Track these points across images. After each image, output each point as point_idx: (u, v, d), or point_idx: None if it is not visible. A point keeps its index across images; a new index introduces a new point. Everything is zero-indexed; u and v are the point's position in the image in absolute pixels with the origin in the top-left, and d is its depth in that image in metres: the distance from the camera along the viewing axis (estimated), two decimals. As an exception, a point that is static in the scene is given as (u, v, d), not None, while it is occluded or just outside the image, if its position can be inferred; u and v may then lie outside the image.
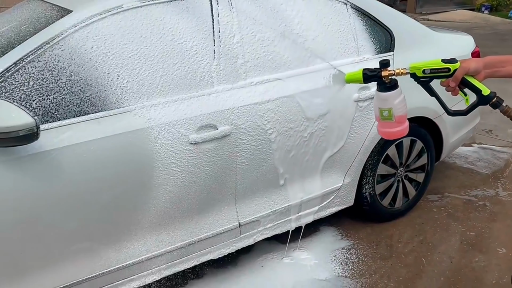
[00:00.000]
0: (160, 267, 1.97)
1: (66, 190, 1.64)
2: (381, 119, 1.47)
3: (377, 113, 1.47)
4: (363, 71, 1.43)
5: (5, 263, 1.60)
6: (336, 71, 2.12)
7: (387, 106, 1.43)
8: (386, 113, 1.44)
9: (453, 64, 1.31)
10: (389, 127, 1.48)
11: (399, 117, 1.44)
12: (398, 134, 1.49)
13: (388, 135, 1.52)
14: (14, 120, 1.39)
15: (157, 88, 1.82)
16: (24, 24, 1.80)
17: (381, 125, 1.50)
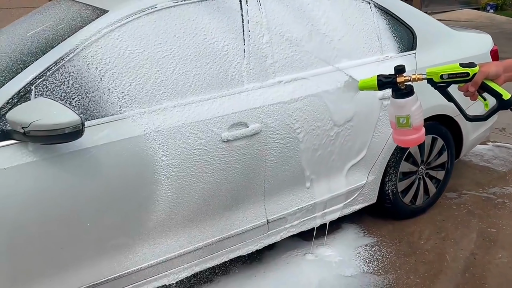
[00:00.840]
0: (192, 263, 2.00)
1: (104, 186, 1.67)
2: (397, 127, 1.43)
3: (394, 121, 1.42)
4: (377, 78, 1.40)
5: (46, 259, 1.63)
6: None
7: (405, 113, 1.39)
8: (403, 120, 1.40)
9: (472, 69, 1.27)
10: (406, 135, 1.44)
11: (416, 124, 1.41)
12: (415, 142, 1.45)
13: (405, 143, 1.48)
14: (61, 117, 1.42)
15: (190, 87, 1.84)
16: (60, 24, 1.83)
17: (397, 133, 1.45)
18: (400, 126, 1.41)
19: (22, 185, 1.51)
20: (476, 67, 1.28)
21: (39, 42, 1.75)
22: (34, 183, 1.53)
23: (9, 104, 1.53)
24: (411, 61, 2.46)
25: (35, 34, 1.85)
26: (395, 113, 1.41)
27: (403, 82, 1.36)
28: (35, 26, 1.96)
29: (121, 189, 1.70)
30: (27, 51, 1.73)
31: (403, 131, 1.42)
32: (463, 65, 1.29)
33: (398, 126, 1.42)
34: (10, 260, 1.55)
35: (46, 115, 1.42)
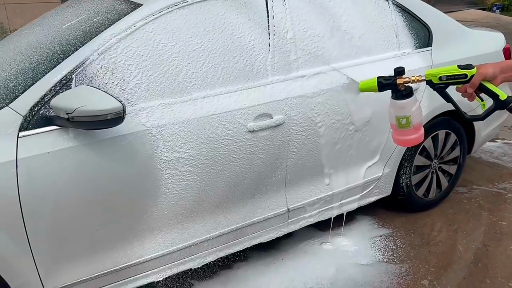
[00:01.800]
0: (217, 248, 2.09)
1: (138, 172, 1.75)
2: (398, 127, 1.46)
3: (394, 122, 1.46)
4: (377, 79, 1.42)
5: (83, 239, 1.72)
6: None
7: (405, 113, 1.43)
8: (404, 120, 1.43)
9: (470, 70, 1.30)
10: (406, 135, 1.47)
11: (416, 124, 1.44)
12: (415, 141, 1.48)
13: (405, 143, 1.52)
14: (104, 104, 1.50)
15: (219, 80, 1.92)
16: (96, 17, 1.91)
17: (398, 133, 1.48)
18: (400, 126, 1.45)
19: (64, 169, 1.59)
20: (474, 69, 1.31)
21: (77, 34, 1.83)
22: (74, 166, 1.61)
23: (52, 92, 1.61)
24: (427, 58, 2.54)
25: (71, 26, 1.93)
26: (396, 114, 1.44)
27: (403, 84, 1.38)
28: (69, 19, 2.04)
29: (153, 176, 1.79)
30: (65, 42, 1.81)
31: (403, 131, 1.46)
32: (461, 67, 1.33)
33: (399, 127, 1.45)
34: (51, 239, 1.64)
35: (90, 101, 1.50)
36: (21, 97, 1.59)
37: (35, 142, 1.56)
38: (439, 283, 2.21)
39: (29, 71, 1.71)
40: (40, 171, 1.56)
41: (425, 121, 2.53)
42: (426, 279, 2.24)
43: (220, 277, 2.28)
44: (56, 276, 1.70)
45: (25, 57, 1.86)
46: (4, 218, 1.53)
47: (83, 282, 1.76)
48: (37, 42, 1.96)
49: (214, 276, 2.29)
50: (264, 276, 2.26)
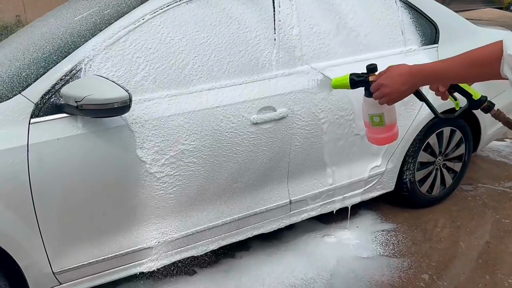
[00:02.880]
0: (219, 237, 2.14)
1: (148, 156, 1.81)
2: (371, 125, 1.42)
3: (367, 119, 1.42)
4: (350, 76, 1.39)
5: (89, 223, 1.78)
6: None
7: (378, 111, 1.38)
8: (377, 119, 1.40)
9: None
10: (379, 133, 1.44)
11: (390, 123, 1.41)
12: (389, 140, 1.45)
13: (378, 141, 1.49)
14: (111, 93, 1.56)
15: (224, 74, 1.97)
16: (106, 9, 1.97)
17: (371, 131, 1.45)
18: (374, 124, 1.41)
19: (72, 155, 1.66)
20: None
21: (88, 26, 1.89)
22: (82, 153, 1.68)
23: (62, 81, 1.68)
24: (433, 55, 2.55)
25: (83, 18, 2.00)
26: (369, 112, 1.40)
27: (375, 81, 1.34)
28: (81, 11, 2.11)
29: (157, 163, 1.84)
30: (76, 34, 1.88)
31: (377, 129, 1.42)
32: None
33: (372, 125, 1.42)
34: (59, 221, 1.71)
35: (98, 90, 1.57)
36: (33, 85, 1.66)
37: (45, 129, 1.63)
38: (439, 277, 2.24)
39: (41, 61, 1.78)
40: (50, 157, 1.63)
41: (430, 118, 2.55)
42: (427, 274, 2.26)
43: (222, 265, 2.33)
44: (63, 258, 1.77)
45: (38, 48, 1.93)
46: (16, 200, 1.60)
47: (89, 265, 1.83)
48: (50, 33, 2.03)
49: (217, 264, 2.34)
50: (266, 265, 2.31)
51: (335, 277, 2.24)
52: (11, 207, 1.60)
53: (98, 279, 1.90)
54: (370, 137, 1.49)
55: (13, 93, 1.66)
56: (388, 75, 1.30)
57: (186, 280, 2.22)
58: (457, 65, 1.18)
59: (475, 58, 1.15)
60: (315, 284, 2.20)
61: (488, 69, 1.12)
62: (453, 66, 1.19)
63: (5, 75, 1.82)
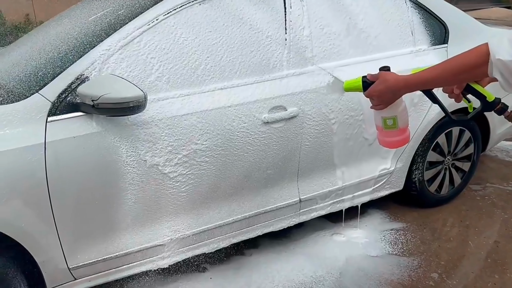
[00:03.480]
0: (230, 235, 2.17)
1: (159, 159, 1.84)
2: (384, 129, 1.41)
3: (380, 123, 1.41)
4: (362, 79, 1.37)
5: (105, 221, 1.82)
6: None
7: (391, 114, 1.37)
8: (390, 121, 1.38)
9: None
10: (392, 136, 1.42)
11: (403, 125, 1.39)
12: (401, 143, 1.44)
13: (391, 144, 1.48)
14: (127, 92, 1.59)
15: (236, 74, 2.00)
16: (120, 10, 2.00)
17: (383, 134, 1.44)
18: (386, 127, 1.40)
19: (88, 153, 1.69)
20: None
21: (102, 26, 1.92)
22: (98, 151, 1.71)
23: (79, 80, 1.71)
24: (442, 54, 2.56)
25: (97, 18, 2.03)
26: (382, 115, 1.39)
27: None
28: (95, 12, 2.14)
29: (171, 163, 1.87)
30: (91, 34, 1.91)
31: (389, 132, 1.41)
32: None
33: (385, 128, 1.40)
34: (74, 218, 1.74)
35: (114, 89, 1.60)
36: (50, 84, 1.70)
37: (62, 127, 1.66)
38: (448, 276, 2.25)
39: (57, 60, 1.82)
40: (66, 155, 1.66)
41: (439, 118, 2.56)
42: (436, 273, 2.27)
43: (232, 262, 2.36)
44: (78, 254, 1.80)
45: (54, 47, 1.97)
46: (33, 197, 1.63)
47: (103, 261, 1.86)
48: (65, 33, 2.07)
49: (227, 261, 2.37)
50: (275, 263, 2.34)
51: (344, 276, 2.26)
52: (28, 204, 1.63)
53: (112, 275, 1.93)
54: (382, 140, 1.47)
55: (30, 92, 1.70)
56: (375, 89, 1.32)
57: (197, 277, 2.25)
58: (445, 73, 1.20)
59: (463, 64, 1.16)
60: (325, 282, 2.22)
61: (476, 71, 1.15)
62: (441, 74, 1.21)
63: (22, 74, 1.85)
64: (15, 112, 1.63)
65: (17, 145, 1.59)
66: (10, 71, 1.96)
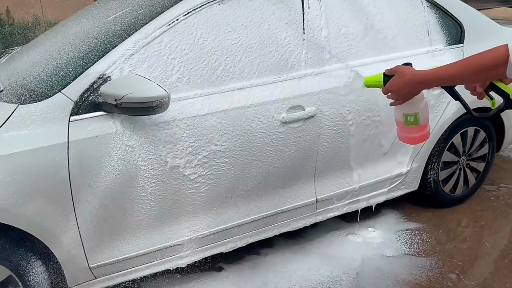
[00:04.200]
0: (247, 234, 2.17)
1: (179, 159, 1.84)
2: (405, 125, 1.42)
3: (401, 119, 1.42)
4: (384, 75, 1.38)
5: (125, 220, 1.82)
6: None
7: (413, 111, 1.39)
8: (411, 118, 1.40)
9: None
10: (412, 132, 1.44)
11: (424, 122, 1.40)
12: (421, 139, 1.46)
13: (411, 140, 1.49)
14: (151, 92, 1.60)
15: (255, 74, 2.00)
16: (139, 9, 2.01)
17: (404, 130, 1.45)
18: (408, 124, 1.41)
19: (110, 152, 1.70)
20: None
21: (122, 26, 1.93)
22: (120, 150, 1.72)
23: (100, 79, 1.72)
24: (458, 54, 2.55)
25: (117, 18, 2.03)
26: (403, 112, 1.40)
27: None
28: (113, 12, 2.14)
29: (191, 162, 1.87)
30: (111, 34, 1.91)
31: (410, 129, 1.42)
32: None
33: (406, 124, 1.42)
34: (96, 217, 1.75)
35: (137, 89, 1.60)
36: (72, 84, 1.70)
37: (84, 126, 1.67)
38: (465, 277, 2.24)
39: (78, 60, 1.82)
40: (88, 154, 1.67)
41: (455, 118, 2.55)
42: (453, 273, 2.27)
43: (248, 262, 2.36)
44: (99, 253, 1.81)
45: (74, 47, 1.97)
46: (56, 196, 1.64)
47: (123, 260, 1.87)
48: (84, 33, 2.07)
49: (242, 261, 2.37)
50: (292, 263, 2.34)
51: (361, 276, 2.26)
52: (51, 203, 1.64)
53: (131, 274, 1.94)
54: (402, 136, 1.49)
55: (53, 91, 1.71)
56: (393, 83, 1.33)
57: (214, 276, 2.25)
58: (462, 72, 1.21)
59: (481, 64, 1.17)
60: (342, 282, 2.21)
61: (494, 72, 1.16)
62: (458, 72, 1.22)
63: (43, 73, 1.86)
64: (39, 111, 1.64)
65: (40, 144, 1.60)
66: (31, 70, 1.96)
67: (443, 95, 2.44)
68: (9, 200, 1.56)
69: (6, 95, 1.81)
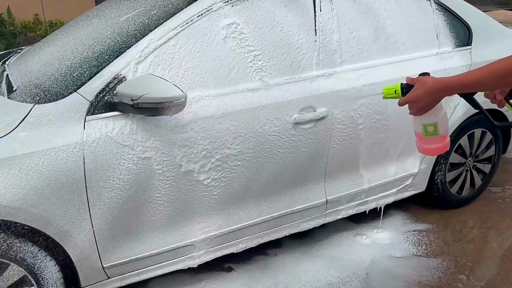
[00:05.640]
0: (258, 235, 2.18)
1: (195, 159, 1.84)
2: (424, 136, 1.40)
3: (420, 130, 1.40)
4: (401, 86, 1.37)
5: (139, 221, 1.83)
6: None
7: (432, 121, 1.36)
8: (431, 128, 1.37)
9: None
10: (432, 143, 1.41)
11: (443, 132, 1.38)
12: (441, 150, 1.43)
13: (431, 152, 1.48)
14: (168, 92, 1.60)
15: (268, 75, 2.00)
16: (153, 10, 2.01)
17: (423, 141, 1.42)
18: (427, 134, 1.39)
19: (125, 152, 1.70)
20: None
21: (136, 26, 1.93)
22: (135, 150, 1.72)
23: (116, 79, 1.72)
24: (466, 57, 2.57)
25: (130, 18, 2.03)
26: (422, 122, 1.38)
27: None
28: (126, 12, 2.14)
29: (204, 163, 1.88)
30: (125, 34, 1.91)
31: (430, 139, 1.40)
32: None
33: (425, 135, 1.39)
34: (110, 217, 1.75)
35: (154, 89, 1.60)
36: (88, 84, 1.71)
37: (100, 126, 1.67)
38: (475, 278, 2.25)
39: (93, 60, 1.83)
40: (104, 153, 1.67)
41: (462, 119, 2.57)
42: (463, 274, 2.28)
43: (257, 262, 2.36)
44: (112, 253, 1.81)
45: (87, 47, 1.97)
46: (71, 196, 1.64)
47: (136, 260, 1.87)
48: (97, 33, 2.07)
49: (252, 261, 2.37)
50: (301, 263, 2.34)
51: (370, 276, 2.26)
52: (67, 203, 1.64)
53: (143, 274, 1.94)
54: (422, 148, 1.46)
55: (68, 91, 1.71)
56: (415, 94, 1.31)
57: (224, 277, 2.26)
58: (486, 77, 1.21)
59: (504, 69, 1.16)
60: (352, 283, 2.22)
61: None
62: (482, 78, 1.21)
63: (57, 74, 1.86)
64: (55, 111, 1.64)
65: (56, 144, 1.60)
66: (44, 70, 1.96)
67: (451, 98, 2.46)
68: (25, 200, 1.56)
69: (20, 94, 1.81)
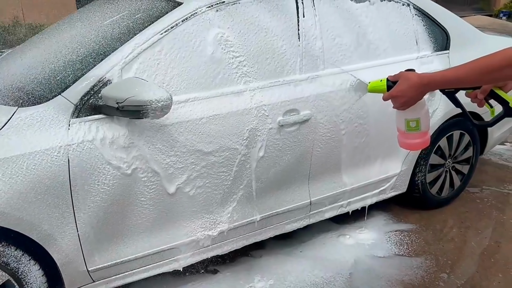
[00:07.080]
0: (243, 236, 2.19)
1: (178, 161, 1.85)
2: (406, 131, 1.43)
3: (402, 125, 1.42)
4: (387, 81, 1.40)
5: (124, 224, 1.82)
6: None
7: (415, 116, 1.39)
8: (413, 123, 1.40)
9: None
10: (413, 138, 1.44)
11: (425, 128, 1.41)
12: (422, 145, 1.48)
13: (412, 146, 1.51)
14: (153, 94, 1.61)
15: (252, 79, 2.03)
16: (137, 14, 2.01)
17: (405, 136, 1.45)
18: (409, 129, 1.42)
19: (110, 155, 1.70)
20: None
21: (121, 30, 1.93)
22: (120, 153, 1.72)
23: (101, 83, 1.72)
24: (444, 60, 2.64)
25: (114, 22, 2.03)
26: (405, 117, 1.41)
27: None
28: (110, 15, 2.14)
29: (189, 167, 1.89)
30: (110, 37, 1.91)
31: (411, 134, 1.43)
32: None
33: (407, 130, 1.42)
34: (95, 221, 1.74)
35: (139, 92, 1.61)
36: (73, 87, 1.70)
37: (84, 129, 1.67)
38: (455, 276, 2.31)
39: (77, 63, 1.82)
40: (88, 156, 1.66)
41: (442, 122, 2.64)
42: (444, 273, 2.34)
43: (242, 264, 2.38)
44: (97, 256, 1.80)
45: (71, 50, 1.96)
46: (56, 199, 1.63)
47: (121, 263, 1.87)
48: (81, 36, 2.06)
49: (236, 263, 2.39)
50: (286, 264, 2.37)
51: (354, 276, 2.30)
52: (51, 206, 1.63)
53: (129, 277, 1.94)
54: (403, 142, 1.49)
55: (52, 94, 1.70)
56: (399, 89, 1.34)
57: (210, 279, 2.27)
58: (470, 73, 1.23)
59: (487, 65, 1.20)
60: (336, 283, 2.26)
61: (498, 74, 1.19)
62: (466, 74, 1.24)
63: (41, 76, 1.85)
64: (39, 114, 1.63)
65: (40, 147, 1.60)
66: (28, 73, 1.94)
67: (431, 101, 2.53)
68: (8, 203, 1.54)
69: (3, 97, 1.79)
